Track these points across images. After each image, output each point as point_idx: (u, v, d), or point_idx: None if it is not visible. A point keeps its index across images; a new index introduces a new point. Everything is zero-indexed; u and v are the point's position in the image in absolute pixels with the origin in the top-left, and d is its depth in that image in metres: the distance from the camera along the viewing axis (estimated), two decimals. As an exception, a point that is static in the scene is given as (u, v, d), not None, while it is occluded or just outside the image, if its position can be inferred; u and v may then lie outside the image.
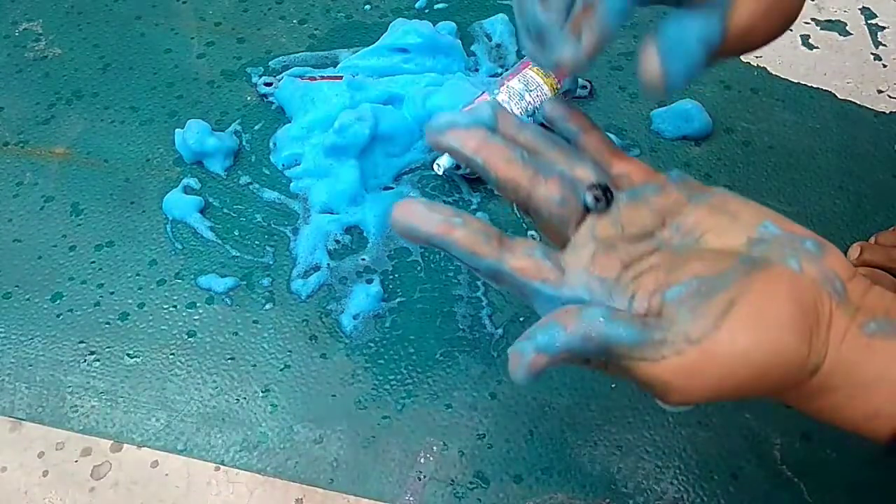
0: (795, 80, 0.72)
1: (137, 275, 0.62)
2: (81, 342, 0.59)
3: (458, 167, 0.64)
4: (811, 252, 0.32)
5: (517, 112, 0.63)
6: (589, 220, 0.35)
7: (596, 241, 0.34)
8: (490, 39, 0.75)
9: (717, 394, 0.31)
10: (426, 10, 0.78)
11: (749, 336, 0.30)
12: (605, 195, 0.34)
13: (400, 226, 0.34)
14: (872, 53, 0.74)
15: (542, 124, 0.38)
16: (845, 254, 0.61)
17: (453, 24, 0.73)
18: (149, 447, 0.54)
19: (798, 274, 0.31)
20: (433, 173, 0.64)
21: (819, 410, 0.32)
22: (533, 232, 0.63)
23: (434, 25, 0.72)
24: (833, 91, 0.71)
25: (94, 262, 0.63)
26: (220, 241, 0.63)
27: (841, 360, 0.30)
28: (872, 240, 0.60)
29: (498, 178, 0.35)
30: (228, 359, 0.58)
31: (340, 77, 0.70)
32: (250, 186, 0.67)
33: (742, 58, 0.73)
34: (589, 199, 0.34)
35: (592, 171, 0.35)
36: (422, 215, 0.33)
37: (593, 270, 0.33)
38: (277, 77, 0.73)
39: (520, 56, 0.74)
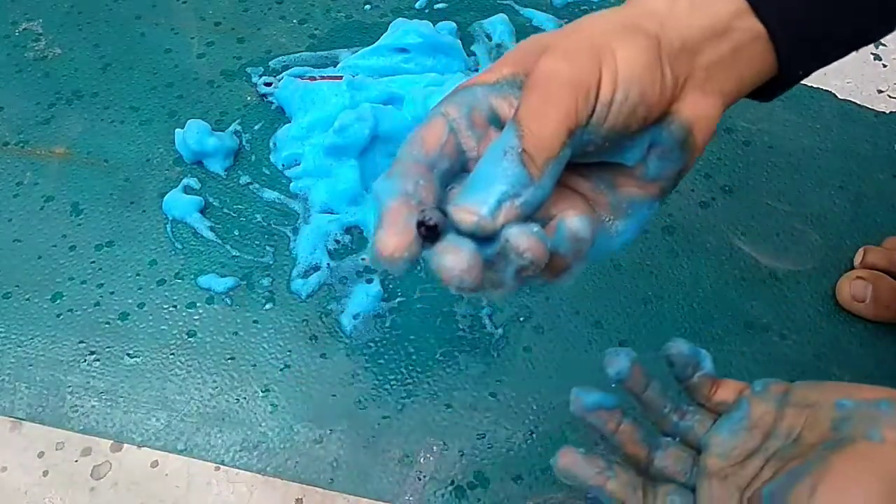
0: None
1: (137, 275, 0.62)
2: (81, 342, 0.59)
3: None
4: (888, 414, 0.32)
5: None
6: (700, 461, 0.38)
7: (709, 477, 0.37)
8: (490, 39, 0.75)
9: None
10: (426, 10, 0.78)
11: None
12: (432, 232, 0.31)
13: (561, 471, 0.39)
14: (872, 53, 0.74)
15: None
16: (851, 255, 0.61)
17: (453, 24, 0.73)
18: (149, 447, 0.54)
19: (880, 445, 0.31)
20: (433, 173, 0.64)
21: None
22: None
23: (434, 25, 0.72)
24: (833, 91, 0.71)
25: (94, 262, 0.63)
26: (220, 241, 0.63)
27: None
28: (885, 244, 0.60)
29: (625, 454, 0.40)
30: (228, 359, 0.58)
31: (340, 77, 0.70)
32: (250, 186, 0.67)
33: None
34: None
35: (700, 421, 0.40)
36: (581, 466, 0.39)
37: None
38: (277, 77, 0.73)
39: (520, 56, 0.74)
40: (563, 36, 0.33)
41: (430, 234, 0.30)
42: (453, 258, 0.29)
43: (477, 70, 0.73)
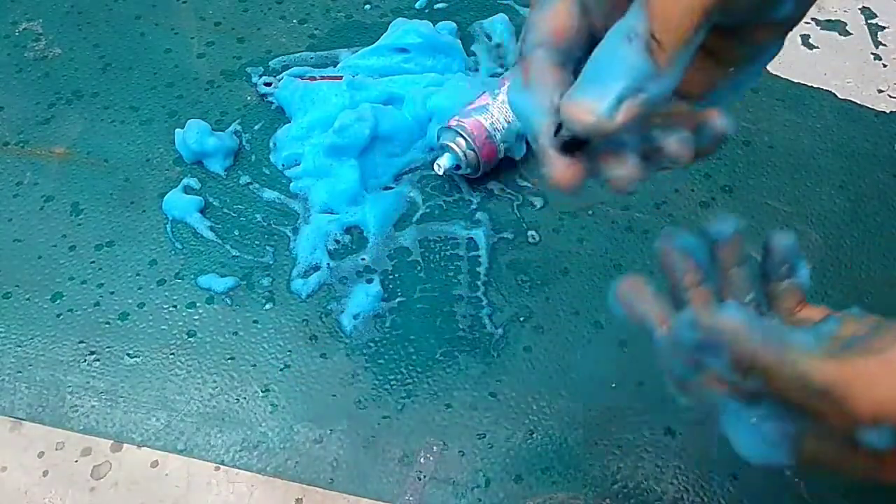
0: (795, 80, 0.72)
1: (137, 275, 0.62)
2: (81, 342, 0.59)
3: (458, 167, 0.64)
4: None
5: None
6: None
7: None
8: (490, 39, 0.75)
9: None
10: (426, 10, 0.78)
11: None
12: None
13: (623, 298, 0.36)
14: (872, 53, 0.74)
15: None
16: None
17: (453, 24, 0.73)
18: (149, 447, 0.54)
19: None
20: (433, 173, 0.64)
21: None
22: (533, 231, 0.63)
23: (434, 25, 0.72)
24: (833, 91, 0.71)
25: (94, 262, 0.63)
26: (220, 241, 0.63)
27: None
28: None
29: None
30: (228, 359, 0.58)
31: (340, 77, 0.70)
32: (250, 186, 0.67)
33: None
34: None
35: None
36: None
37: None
38: (277, 77, 0.73)
39: (520, 56, 0.74)
40: None
41: (571, 147, 0.28)
42: (621, 169, 0.29)
43: (477, 70, 0.73)
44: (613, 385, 0.56)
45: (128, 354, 0.58)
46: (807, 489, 0.51)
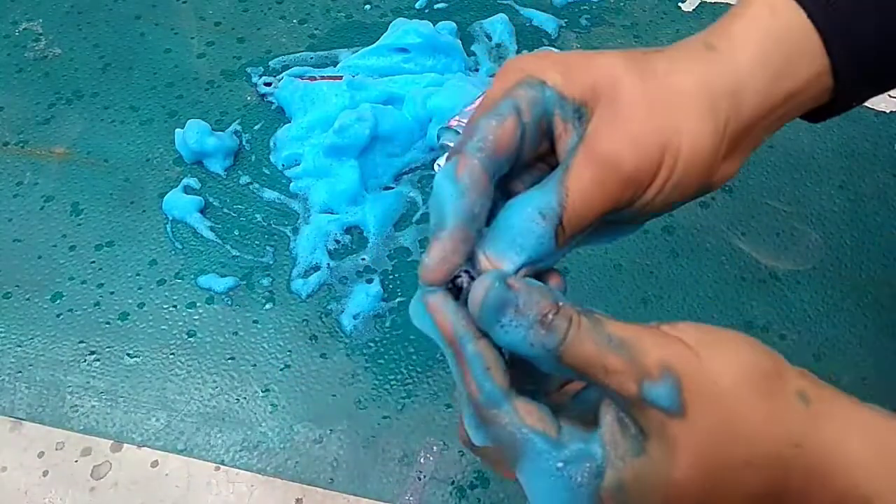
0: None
1: (137, 275, 0.62)
2: (81, 342, 0.59)
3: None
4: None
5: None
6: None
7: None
8: (490, 39, 0.75)
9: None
10: (426, 10, 0.78)
11: None
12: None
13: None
14: (872, 53, 0.74)
15: None
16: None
17: (453, 24, 0.73)
18: (149, 447, 0.54)
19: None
20: (433, 173, 0.64)
21: None
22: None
23: (434, 25, 0.72)
24: (833, 91, 0.71)
25: (94, 262, 0.63)
26: (220, 241, 0.63)
27: None
28: None
29: None
30: (228, 359, 0.58)
31: (340, 77, 0.70)
32: (250, 186, 0.67)
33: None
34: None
35: None
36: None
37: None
38: (277, 77, 0.73)
39: (520, 56, 0.74)
40: (644, 91, 0.32)
41: (453, 288, 0.31)
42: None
43: (477, 70, 0.73)
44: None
45: (128, 354, 0.58)
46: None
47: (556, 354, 0.29)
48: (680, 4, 0.78)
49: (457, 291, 0.31)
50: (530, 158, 0.34)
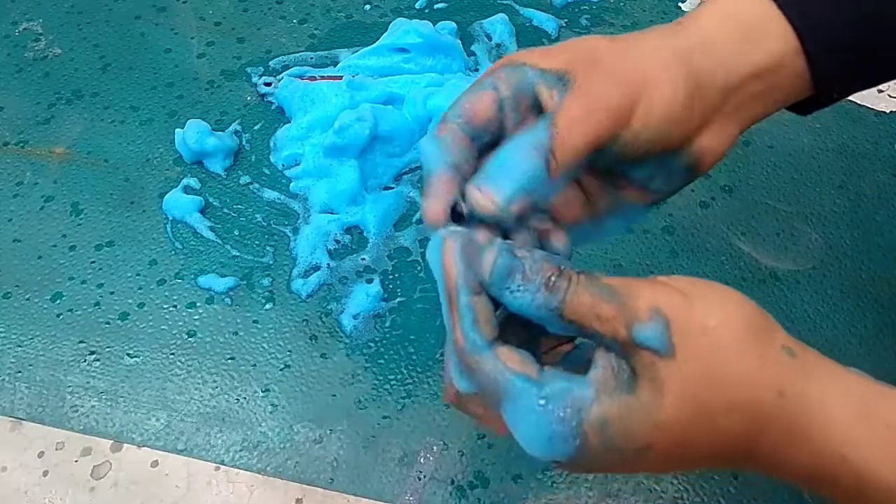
0: None
1: (137, 275, 0.62)
2: (81, 342, 0.59)
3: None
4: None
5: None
6: None
7: None
8: (490, 39, 0.75)
9: None
10: (426, 10, 0.78)
11: None
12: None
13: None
14: (872, 53, 0.74)
15: None
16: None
17: (453, 24, 0.73)
18: (149, 447, 0.54)
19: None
20: (433, 173, 0.64)
21: None
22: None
23: (434, 25, 0.72)
24: (833, 91, 0.71)
25: (94, 262, 0.63)
26: (220, 241, 0.63)
27: None
28: None
29: None
30: (228, 359, 0.58)
31: (340, 77, 0.70)
32: (250, 186, 0.67)
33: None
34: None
35: None
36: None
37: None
38: (277, 77, 0.73)
39: (520, 56, 0.74)
40: (618, 51, 0.35)
41: (459, 218, 0.34)
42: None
43: (477, 70, 0.73)
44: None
45: (128, 354, 0.58)
46: (807, 489, 0.51)
47: (558, 313, 0.31)
48: (680, 4, 0.78)
49: (458, 217, 0.34)
50: (515, 129, 0.36)
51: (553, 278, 0.31)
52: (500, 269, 0.31)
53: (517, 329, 0.34)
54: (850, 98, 0.71)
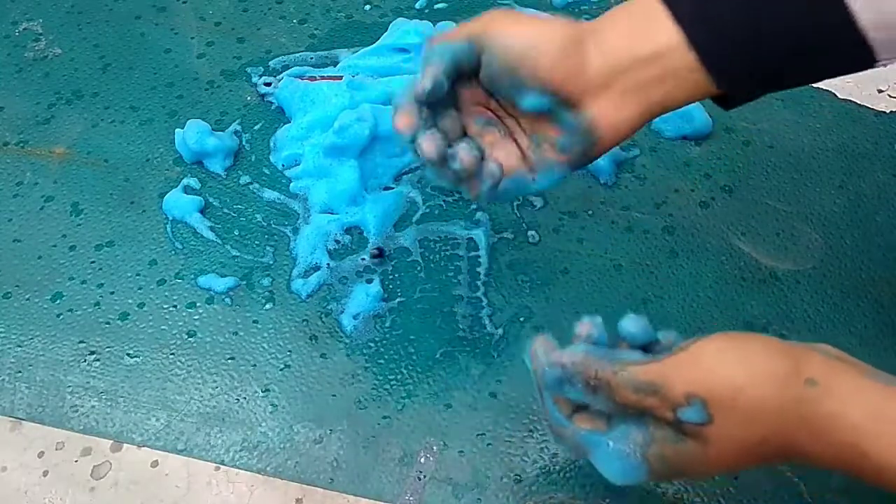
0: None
1: (137, 275, 0.62)
2: (81, 342, 0.59)
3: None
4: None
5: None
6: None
7: None
8: (490, 39, 0.75)
9: None
10: (426, 11, 0.78)
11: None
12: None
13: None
14: (872, 53, 0.74)
15: None
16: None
17: (453, 25, 0.73)
18: (149, 447, 0.54)
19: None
20: (433, 173, 0.64)
21: None
22: (533, 231, 0.63)
23: (434, 25, 0.72)
24: (833, 91, 0.71)
25: (94, 262, 0.63)
26: (220, 241, 0.63)
27: None
28: None
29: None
30: (228, 359, 0.58)
31: (340, 77, 0.70)
32: (250, 186, 0.67)
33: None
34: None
35: None
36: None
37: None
38: (277, 77, 0.73)
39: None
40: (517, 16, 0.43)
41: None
42: (427, 143, 0.43)
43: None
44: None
45: (128, 354, 0.58)
46: (807, 489, 0.51)
47: (608, 405, 0.40)
48: None
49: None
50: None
51: (592, 383, 0.40)
52: (549, 382, 0.41)
53: None
54: (850, 98, 0.71)
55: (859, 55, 0.40)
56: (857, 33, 0.39)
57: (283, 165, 0.67)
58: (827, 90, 0.71)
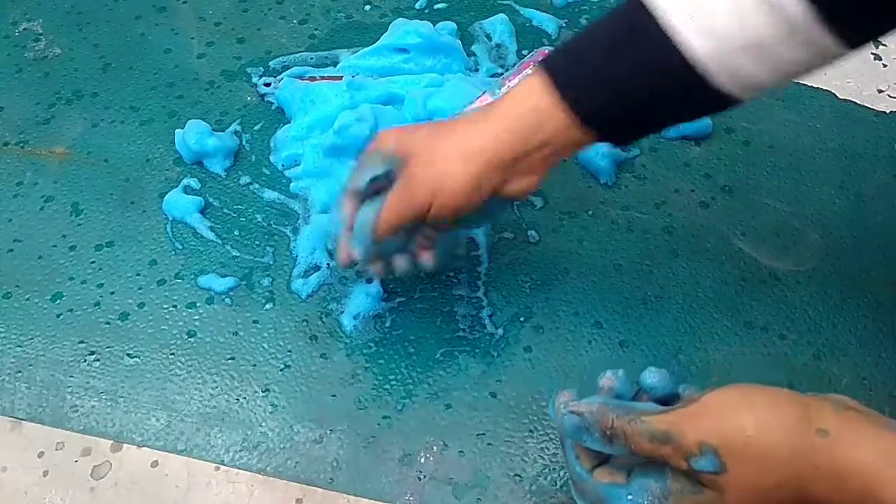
0: (795, 80, 0.72)
1: (137, 275, 0.62)
2: (81, 342, 0.59)
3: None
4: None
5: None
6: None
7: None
8: (490, 39, 0.75)
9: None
10: (426, 11, 0.78)
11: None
12: None
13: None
14: (872, 53, 0.74)
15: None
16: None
17: (453, 24, 0.73)
18: (149, 447, 0.54)
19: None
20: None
21: None
22: (533, 231, 0.63)
23: (434, 25, 0.72)
24: (833, 91, 0.71)
25: (94, 262, 0.63)
26: (220, 241, 0.63)
27: None
28: None
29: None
30: (228, 359, 0.58)
31: (340, 77, 0.70)
32: (250, 186, 0.67)
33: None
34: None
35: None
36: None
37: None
38: (277, 77, 0.73)
39: (520, 56, 0.74)
40: (430, 147, 0.50)
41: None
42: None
43: (477, 71, 0.73)
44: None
45: (128, 354, 0.58)
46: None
47: (625, 454, 0.41)
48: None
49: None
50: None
51: (608, 432, 0.41)
52: (569, 429, 0.43)
53: None
54: (850, 98, 0.71)
55: (698, 85, 0.42)
56: (691, 66, 0.41)
57: (283, 165, 0.67)
58: (827, 90, 0.71)
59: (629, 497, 0.41)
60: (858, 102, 0.71)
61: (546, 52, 0.73)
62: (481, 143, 0.48)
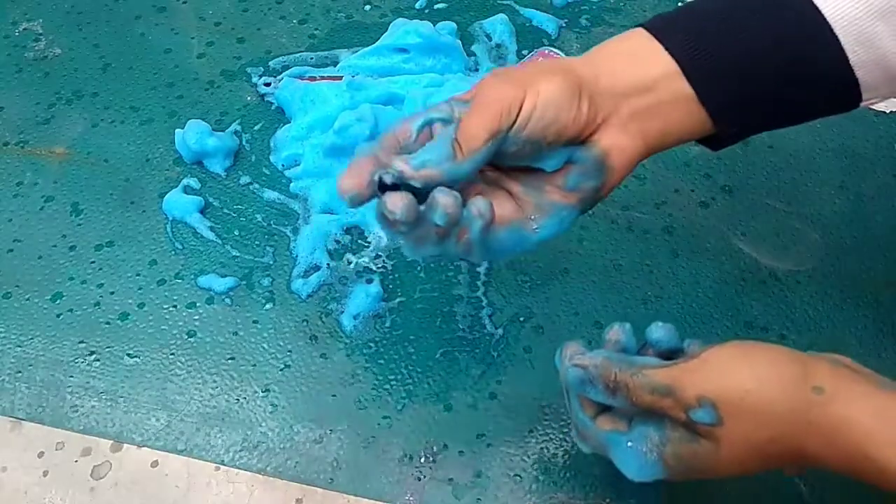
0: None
1: (137, 275, 0.62)
2: (81, 342, 0.59)
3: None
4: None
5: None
6: None
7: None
8: (490, 39, 0.75)
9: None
10: (426, 11, 0.78)
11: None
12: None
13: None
14: (872, 53, 0.74)
15: None
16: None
17: (453, 24, 0.73)
18: (149, 447, 0.54)
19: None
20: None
21: None
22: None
23: (434, 25, 0.72)
24: (833, 91, 0.71)
25: (94, 262, 0.63)
26: (220, 241, 0.63)
27: None
28: None
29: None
30: (228, 359, 0.58)
31: (340, 77, 0.70)
32: (250, 186, 0.67)
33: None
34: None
35: None
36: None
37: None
38: (277, 77, 0.73)
39: (520, 56, 0.74)
40: (509, 69, 0.44)
41: (383, 187, 0.40)
42: (394, 199, 0.39)
43: (477, 70, 0.73)
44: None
45: (128, 354, 0.58)
46: (807, 490, 0.51)
47: (627, 405, 0.42)
48: (680, 4, 0.78)
49: (385, 186, 0.40)
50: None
51: (611, 385, 0.42)
52: (573, 381, 0.44)
53: None
54: (850, 98, 0.71)
55: (847, 91, 0.42)
56: (847, 70, 0.41)
57: (283, 165, 0.67)
58: (827, 90, 0.71)
59: (629, 444, 0.42)
60: (858, 102, 0.70)
61: (546, 52, 0.73)
62: (570, 62, 0.43)
